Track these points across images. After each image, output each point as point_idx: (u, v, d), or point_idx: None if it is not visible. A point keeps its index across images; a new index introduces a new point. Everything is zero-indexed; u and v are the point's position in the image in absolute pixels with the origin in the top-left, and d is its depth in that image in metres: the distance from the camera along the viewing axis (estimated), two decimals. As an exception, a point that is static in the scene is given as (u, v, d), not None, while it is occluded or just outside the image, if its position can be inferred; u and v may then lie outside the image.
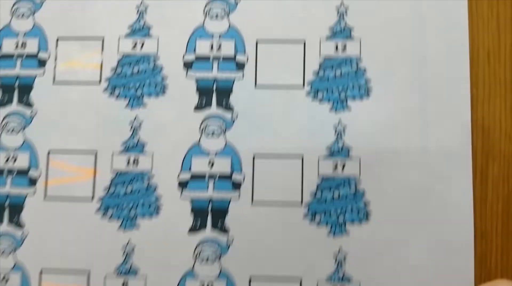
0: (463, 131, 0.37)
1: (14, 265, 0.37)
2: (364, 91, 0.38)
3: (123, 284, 0.37)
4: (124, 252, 0.37)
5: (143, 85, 0.39)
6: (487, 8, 0.39)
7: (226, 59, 0.39)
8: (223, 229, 0.37)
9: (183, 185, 0.37)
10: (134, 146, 0.38)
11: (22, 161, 0.38)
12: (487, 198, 0.37)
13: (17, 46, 0.40)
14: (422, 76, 0.38)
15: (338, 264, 0.36)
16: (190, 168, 0.38)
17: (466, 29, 0.38)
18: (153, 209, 0.37)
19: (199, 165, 0.38)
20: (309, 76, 0.38)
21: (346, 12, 0.39)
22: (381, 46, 0.38)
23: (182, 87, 0.39)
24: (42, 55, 0.39)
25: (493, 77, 0.39)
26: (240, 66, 0.39)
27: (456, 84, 0.37)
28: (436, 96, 0.37)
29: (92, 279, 0.37)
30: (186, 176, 0.38)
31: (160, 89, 0.39)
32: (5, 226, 0.38)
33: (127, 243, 0.37)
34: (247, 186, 0.37)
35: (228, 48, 0.39)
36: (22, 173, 0.38)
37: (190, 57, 0.39)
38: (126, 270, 0.37)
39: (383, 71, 0.38)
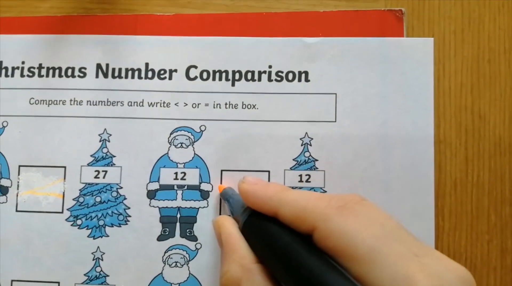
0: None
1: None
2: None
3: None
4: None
5: (105, 215, 0.38)
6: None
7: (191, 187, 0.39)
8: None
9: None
10: (96, 277, 0.38)
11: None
12: None
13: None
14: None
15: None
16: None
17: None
18: None
19: None
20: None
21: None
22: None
23: (145, 217, 0.38)
24: (4, 182, 0.39)
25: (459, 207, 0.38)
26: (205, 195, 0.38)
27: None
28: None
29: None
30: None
31: (123, 218, 0.38)
32: None
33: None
34: None
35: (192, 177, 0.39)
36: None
37: (154, 186, 0.39)
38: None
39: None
